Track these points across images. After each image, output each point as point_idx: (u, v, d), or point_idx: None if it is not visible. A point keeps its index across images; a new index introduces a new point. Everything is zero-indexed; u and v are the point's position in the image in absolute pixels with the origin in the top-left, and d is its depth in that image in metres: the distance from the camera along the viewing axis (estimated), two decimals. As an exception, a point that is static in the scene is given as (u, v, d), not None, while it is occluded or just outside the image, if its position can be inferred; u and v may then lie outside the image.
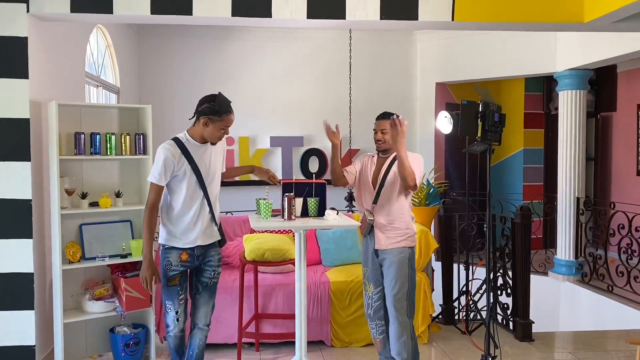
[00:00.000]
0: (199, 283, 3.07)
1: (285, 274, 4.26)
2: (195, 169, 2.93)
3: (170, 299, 3.00)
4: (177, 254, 2.96)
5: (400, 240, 3.21)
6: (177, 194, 2.95)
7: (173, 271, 2.97)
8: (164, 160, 2.88)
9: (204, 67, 7.30)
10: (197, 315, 3.08)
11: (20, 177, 3.62)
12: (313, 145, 7.47)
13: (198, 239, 2.99)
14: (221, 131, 2.96)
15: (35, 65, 3.69)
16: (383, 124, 3.27)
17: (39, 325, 3.70)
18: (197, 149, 2.97)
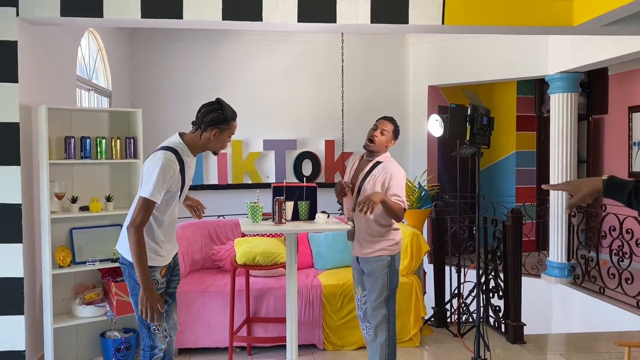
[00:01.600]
0: (168, 296, 2.84)
1: (276, 278, 4.26)
2: (184, 183, 2.71)
3: (160, 318, 2.75)
4: (158, 271, 2.73)
5: (378, 250, 3.12)
6: (167, 210, 2.69)
7: (159, 289, 2.73)
8: (166, 174, 2.55)
9: (197, 71, 7.29)
10: (172, 322, 2.89)
11: (10, 182, 3.61)
12: (306, 149, 7.47)
13: (172, 252, 2.83)
14: (228, 139, 2.77)
15: (25, 69, 3.68)
16: (386, 124, 3.20)
17: (29, 330, 3.68)
18: (190, 163, 2.75)
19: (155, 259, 2.69)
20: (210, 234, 4.66)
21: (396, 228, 3.20)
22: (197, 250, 4.56)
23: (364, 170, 3.18)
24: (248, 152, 7.34)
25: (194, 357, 4.02)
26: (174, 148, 2.63)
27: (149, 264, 2.62)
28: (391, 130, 3.22)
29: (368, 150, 3.24)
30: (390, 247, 3.14)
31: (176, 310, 2.98)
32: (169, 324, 2.95)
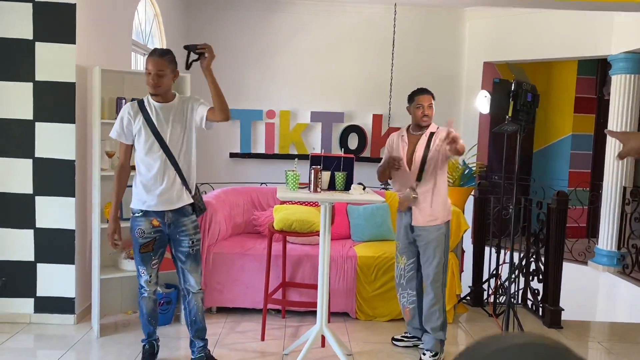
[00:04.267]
0: (180, 254, 3.09)
1: (313, 246, 4.34)
2: (151, 126, 2.96)
3: (143, 264, 3.08)
4: (148, 221, 3.02)
5: (437, 218, 3.33)
6: (137, 152, 3.03)
7: (146, 238, 3.04)
8: (121, 118, 3.02)
9: (250, 39, 7.36)
10: (188, 283, 3.13)
11: (65, 139, 3.81)
12: (353, 122, 7.46)
13: (164, 202, 3.00)
14: (147, 76, 2.94)
15: (82, 31, 3.84)
16: (426, 99, 3.34)
17: (78, 279, 3.93)
18: (154, 107, 3.00)
19: (138, 203, 3.04)
20: (253, 200, 4.78)
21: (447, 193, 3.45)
22: (239, 214, 4.69)
23: (421, 143, 3.35)
24: (295, 123, 7.40)
25: (231, 316, 4.18)
26: (140, 99, 3.08)
27: (135, 207, 3.05)
28: (432, 101, 3.39)
29: (420, 126, 3.39)
30: (446, 214, 3.36)
31: (196, 272, 3.13)
32: (188, 283, 3.12)
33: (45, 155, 3.82)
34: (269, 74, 7.37)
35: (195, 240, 3.12)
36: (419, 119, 3.35)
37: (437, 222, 3.33)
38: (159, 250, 3.11)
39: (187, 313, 3.22)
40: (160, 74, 2.93)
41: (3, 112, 3.78)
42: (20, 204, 3.83)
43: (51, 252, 3.87)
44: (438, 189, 3.34)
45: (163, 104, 3.03)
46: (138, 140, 3.00)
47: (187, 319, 3.23)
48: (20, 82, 3.76)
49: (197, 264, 3.14)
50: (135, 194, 3.06)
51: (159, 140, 2.97)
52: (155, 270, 3.15)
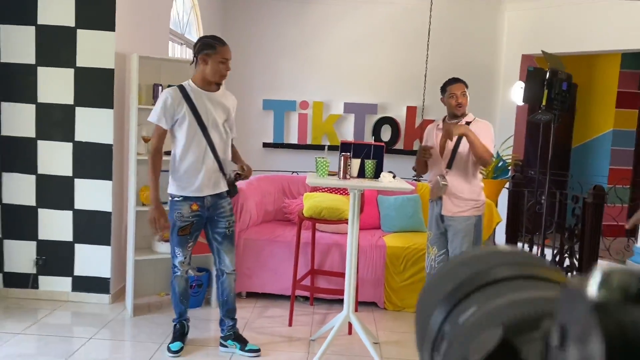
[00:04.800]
0: (217, 235, 3.20)
1: (342, 235, 4.34)
2: (195, 114, 3.01)
3: (179, 246, 3.16)
4: (187, 205, 3.08)
5: (468, 209, 3.28)
6: (179, 140, 3.06)
7: (184, 222, 3.11)
8: (164, 102, 3.01)
9: (286, 31, 7.40)
10: (223, 263, 3.25)
11: (104, 123, 3.93)
12: (387, 114, 7.41)
13: (205, 188, 3.08)
14: (221, 65, 2.99)
15: (121, 18, 3.94)
16: (459, 87, 3.31)
17: (114, 260, 4.05)
18: (200, 95, 3.05)
19: (178, 189, 3.08)
20: (284, 188, 4.83)
21: (482, 187, 3.35)
22: (270, 202, 4.75)
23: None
24: (328, 114, 7.41)
25: (260, 301, 4.25)
26: (180, 84, 3.08)
27: (176, 193, 3.07)
28: (465, 90, 3.34)
29: (455, 115, 3.34)
30: (478, 207, 3.29)
31: (231, 252, 3.24)
32: (223, 264, 3.21)
33: (84, 139, 3.95)
34: (303, 65, 7.39)
35: (232, 221, 3.23)
36: (453, 107, 3.32)
37: (466, 213, 3.29)
38: (195, 233, 3.20)
39: (219, 293, 3.31)
40: (229, 61, 3.07)
41: (46, 97, 3.93)
42: (61, 185, 3.98)
43: (88, 233, 4.01)
44: (469, 180, 3.29)
45: (208, 92, 3.08)
46: (180, 126, 3.03)
47: (219, 299, 3.32)
48: (62, 68, 3.89)
49: (232, 245, 3.25)
50: (176, 179, 3.10)
51: (201, 127, 3.03)
52: (190, 251, 3.24)
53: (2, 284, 4.05)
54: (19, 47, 3.89)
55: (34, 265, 4.02)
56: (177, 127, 3.05)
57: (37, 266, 4.02)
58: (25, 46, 3.88)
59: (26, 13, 3.85)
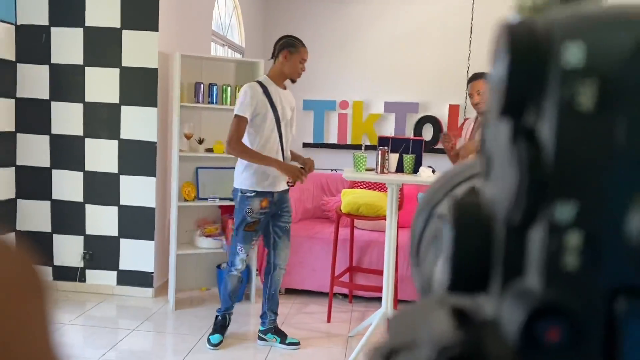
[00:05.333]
0: (278, 228, 3.26)
1: (381, 232, 4.32)
2: (274, 109, 3.09)
3: (243, 242, 3.19)
4: (257, 201, 3.12)
5: None
6: (258, 135, 3.10)
7: (253, 218, 3.15)
8: (245, 95, 3.06)
9: (325, 30, 7.43)
10: (279, 257, 3.29)
11: (148, 121, 4.04)
12: (428, 112, 7.32)
13: (278, 183, 3.15)
14: (299, 65, 3.11)
15: (165, 19, 4.05)
16: (476, 85, 3.23)
17: (157, 254, 4.15)
18: (276, 90, 3.14)
19: (251, 184, 3.09)
20: (322, 186, 4.84)
21: None
22: (309, 199, 4.77)
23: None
24: (368, 113, 7.38)
25: (298, 298, 4.26)
26: (257, 80, 3.17)
27: (247, 188, 3.08)
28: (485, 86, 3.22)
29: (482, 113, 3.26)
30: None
31: (287, 248, 3.30)
32: (279, 258, 3.25)
33: (129, 137, 4.06)
34: (343, 65, 7.40)
35: (289, 215, 3.31)
36: (473, 106, 3.28)
37: None
38: (259, 231, 3.25)
39: (266, 287, 3.35)
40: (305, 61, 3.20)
41: (93, 96, 4.07)
42: (107, 182, 4.11)
43: (133, 228, 4.12)
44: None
45: (282, 90, 3.19)
46: (260, 120, 3.08)
47: (265, 292, 3.36)
48: (108, 67, 4.03)
49: (288, 241, 3.32)
50: (249, 174, 3.12)
51: (277, 124, 3.11)
52: (251, 250, 3.31)
53: (52, 276, 4.21)
54: (68, 48, 4.04)
55: (81, 259, 4.16)
56: (256, 121, 3.08)
57: (84, 260, 4.16)
58: (74, 47, 4.03)
59: (75, 15, 4.00)
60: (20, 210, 4.18)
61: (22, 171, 4.15)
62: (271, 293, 3.34)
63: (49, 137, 4.13)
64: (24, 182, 4.15)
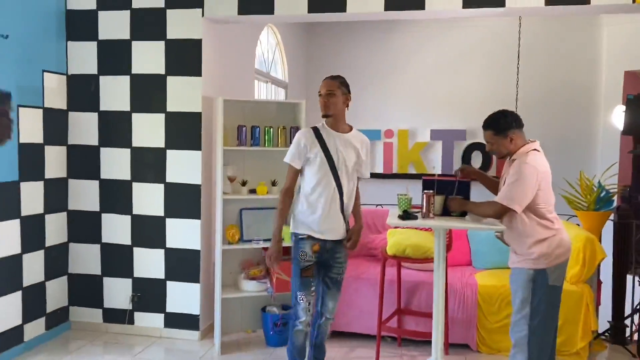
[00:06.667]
0: (329, 279, 3.10)
1: (430, 272, 4.16)
2: (327, 154, 2.98)
3: (303, 290, 3.04)
4: (309, 245, 3.02)
5: (517, 261, 2.88)
6: (308, 178, 3.02)
7: (308, 262, 3.02)
8: (297, 142, 3.03)
9: (368, 60, 7.40)
10: (326, 307, 3.14)
11: (193, 164, 4.08)
12: (476, 140, 7.12)
13: (329, 231, 3.02)
14: (319, 98, 3.04)
15: (207, 64, 4.10)
16: (485, 135, 2.97)
17: (202, 297, 4.15)
18: (330, 135, 3.03)
19: (303, 228, 3.03)
20: (368, 222, 4.73)
21: (543, 238, 2.80)
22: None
23: (505, 169, 3.02)
24: (414, 142, 7.26)
25: (346, 341, 4.15)
26: (314, 126, 3.10)
27: (300, 232, 3.03)
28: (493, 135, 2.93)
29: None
30: (532, 260, 2.80)
31: (336, 298, 3.15)
32: (326, 308, 3.12)
33: (174, 180, 4.11)
34: (387, 93, 7.34)
35: (344, 268, 3.15)
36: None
37: (517, 264, 2.88)
38: (317, 276, 3.10)
39: (313, 335, 3.23)
40: (330, 93, 3.01)
41: (139, 141, 4.15)
42: (153, 225, 4.16)
43: (179, 270, 4.14)
44: (516, 227, 2.83)
45: (339, 133, 3.05)
46: (311, 165, 3.01)
47: (312, 340, 3.24)
48: (153, 113, 4.11)
49: (338, 292, 3.16)
50: (302, 218, 3.05)
51: (331, 168, 2.99)
52: (313, 298, 3.08)
53: (102, 319, 4.27)
54: (116, 95, 4.16)
55: (130, 301, 4.21)
56: (308, 166, 3.03)
57: (132, 302, 4.21)
58: (121, 94, 4.15)
59: (122, 64, 4.12)
60: (72, 253, 4.28)
61: (73, 215, 4.27)
62: (318, 342, 3.23)
63: (98, 182, 4.23)
64: (75, 226, 4.27)
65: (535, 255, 2.79)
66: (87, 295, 4.28)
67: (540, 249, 2.79)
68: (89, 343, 4.04)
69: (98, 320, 4.28)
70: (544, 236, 2.81)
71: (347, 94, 3.09)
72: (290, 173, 3.08)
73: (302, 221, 3.06)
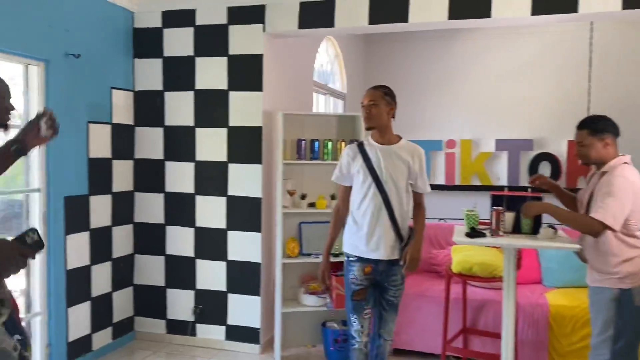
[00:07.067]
0: (384, 301, 2.95)
1: (497, 290, 3.98)
2: (370, 168, 2.85)
3: (354, 312, 2.93)
4: (361, 267, 2.87)
5: (600, 280, 2.64)
6: (354, 195, 2.92)
7: (358, 285, 2.89)
8: (341, 161, 2.99)
9: (429, 68, 7.25)
10: (384, 329, 3.01)
11: (254, 178, 4.10)
12: (544, 149, 6.80)
13: (378, 251, 2.84)
14: (362, 110, 2.94)
15: (268, 78, 4.13)
16: (578, 136, 2.72)
17: (263, 310, 4.15)
18: (374, 148, 2.90)
19: (352, 248, 2.92)
20: (430, 237, 4.59)
21: (630, 257, 2.57)
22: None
23: (591, 184, 2.74)
24: (478, 152, 7.02)
25: (407, 359, 4.03)
26: (361, 140, 3.05)
27: (349, 252, 2.93)
28: (587, 135, 2.68)
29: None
30: (617, 279, 2.57)
31: (393, 320, 3.01)
32: (384, 330, 3.00)
33: (236, 194, 4.15)
34: (449, 103, 7.15)
35: (401, 290, 2.97)
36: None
37: (599, 283, 2.64)
38: (370, 298, 2.96)
39: (372, 355, 3.14)
40: (373, 104, 2.88)
41: (203, 155, 4.22)
42: (216, 237, 4.21)
43: (240, 283, 4.16)
44: (601, 244, 2.61)
45: (384, 145, 2.91)
46: (356, 182, 2.91)
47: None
48: (216, 127, 4.16)
49: (396, 313, 3.01)
50: (348, 237, 2.94)
51: (376, 183, 2.84)
52: (367, 320, 2.96)
53: (166, 329, 4.35)
54: (180, 111, 4.25)
55: (192, 313, 4.27)
56: (354, 181, 2.93)
57: (195, 314, 4.26)
58: (186, 110, 4.23)
59: (186, 80, 4.21)
60: (137, 264, 4.39)
61: (139, 228, 4.38)
62: None
63: (163, 195, 4.33)
64: (141, 238, 4.38)
65: (620, 275, 2.57)
66: (152, 306, 4.38)
67: (626, 269, 2.57)
68: (153, 354, 4.12)
69: (161, 331, 4.36)
70: (631, 255, 2.58)
71: (392, 104, 2.95)
72: (339, 191, 3.06)
73: (350, 239, 2.94)
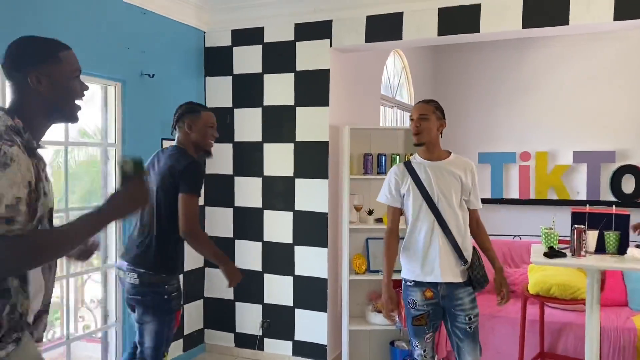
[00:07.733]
0: (456, 329, 2.74)
1: (578, 313, 3.74)
2: (419, 186, 2.71)
3: (416, 337, 2.79)
4: (420, 292, 2.73)
5: None
6: (406, 216, 2.80)
7: (418, 310, 2.75)
8: (389, 180, 2.85)
9: (501, 79, 7.01)
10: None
11: (320, 193, 4.08)
12: (628, 162, 6.39)
13: (436, 273, 2.68)
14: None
15: (334, 93, 4.12)
16: None
17: (330, 326, 4.10)
18: (421, 166, 2.75)
19: (408, 272, 2.82)
20: (504, 255, 4.40)
21: None
22: (489, 270, 4.35)
23: None
24: (554, 164, 6.69)
25: (480, 383, 3.84)
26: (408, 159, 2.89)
27: (406, 277, 2.82)
28: None
29: None
30: None
31: (475, 353, 2.76)
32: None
33: (303, 208, 4.14)
34: (522, 114, 6.87)
35: (473, 315, 2.74)
36: None
37: None
38: (433, 324, 2.79)
39: None
40: (422, 118, 2.73)
41: (270, 170, 4.26)
42: (283, 252, 4.22)
43: (307, 298, 4.14)
44: None
45: (433, 162, 2.77)
46: (407, 202, 2.78)
47: None
48: (283, 143, 4.19)
49: (475, 344, 2.76)
50: (405, 260, 2.83)
51: (427, 201, 2.71)
52: (431, 344, 2.81)
53: (234, 343, 4.40)
54: (249, 127, 4.32)
55: (260, 327, 4.29)
56: (404, 202, 2.80)
57: (262, 329, 4.28)
58: (254, 126, 4.29)
59: (255, 97, 4.28)
60: (207, 278, 4.48)
61: (209, 242, 4.46)
62: None
63: (232, 209, 4.40)
64: (211, 252, 4.45)
65: None
66: (221, 319, 4.44)
67: None
68: (222, 366, 4.17)
69: (230, 344, 4.41)
70: None
71: (441, 119, 2.78)
72: (388, 213, 2.88)
73: (406, 262, 2.81)
